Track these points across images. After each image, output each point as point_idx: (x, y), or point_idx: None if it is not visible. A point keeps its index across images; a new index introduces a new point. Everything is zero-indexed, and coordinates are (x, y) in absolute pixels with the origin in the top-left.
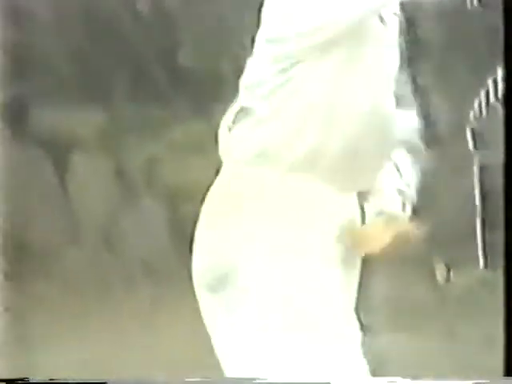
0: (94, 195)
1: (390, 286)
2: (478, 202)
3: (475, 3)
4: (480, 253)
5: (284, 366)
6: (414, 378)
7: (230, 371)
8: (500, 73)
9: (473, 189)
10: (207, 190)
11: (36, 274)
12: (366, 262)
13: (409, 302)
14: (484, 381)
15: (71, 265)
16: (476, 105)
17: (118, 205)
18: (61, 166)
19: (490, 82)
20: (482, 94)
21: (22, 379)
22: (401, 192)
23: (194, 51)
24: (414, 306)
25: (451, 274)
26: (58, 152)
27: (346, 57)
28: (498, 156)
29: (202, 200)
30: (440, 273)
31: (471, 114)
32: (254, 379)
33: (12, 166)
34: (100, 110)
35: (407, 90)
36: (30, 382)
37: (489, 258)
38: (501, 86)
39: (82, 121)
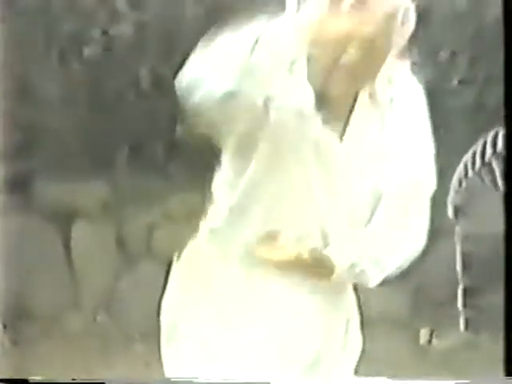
0: (95, 262)
1: (374, 346)
2: (458, 268)
3: (455, 82)
4: (461, 317)
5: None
6: (413, 378)
7: None
8: (479, 147)
9: (454, 256)
10: None
11: (39, 337)
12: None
13: (393, 362)
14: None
15: (72, 328)
16: (455, 178)
17: (118, 270)
18: (65, 234)
19: (469, 156)
20: (462, 166)
21: (22, 379)
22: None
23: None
24: (397, 365)
25: (433, 336)
26: (63, 222)
27: (271, 159)
28: (477, 226)
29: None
30: (423, 335)
31: (451, 187)
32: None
33: (17, 236)
34: (102, 182)
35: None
36: (30, 382)
37: (470, 321)
38: (479, 160)
39: (84, 192)
